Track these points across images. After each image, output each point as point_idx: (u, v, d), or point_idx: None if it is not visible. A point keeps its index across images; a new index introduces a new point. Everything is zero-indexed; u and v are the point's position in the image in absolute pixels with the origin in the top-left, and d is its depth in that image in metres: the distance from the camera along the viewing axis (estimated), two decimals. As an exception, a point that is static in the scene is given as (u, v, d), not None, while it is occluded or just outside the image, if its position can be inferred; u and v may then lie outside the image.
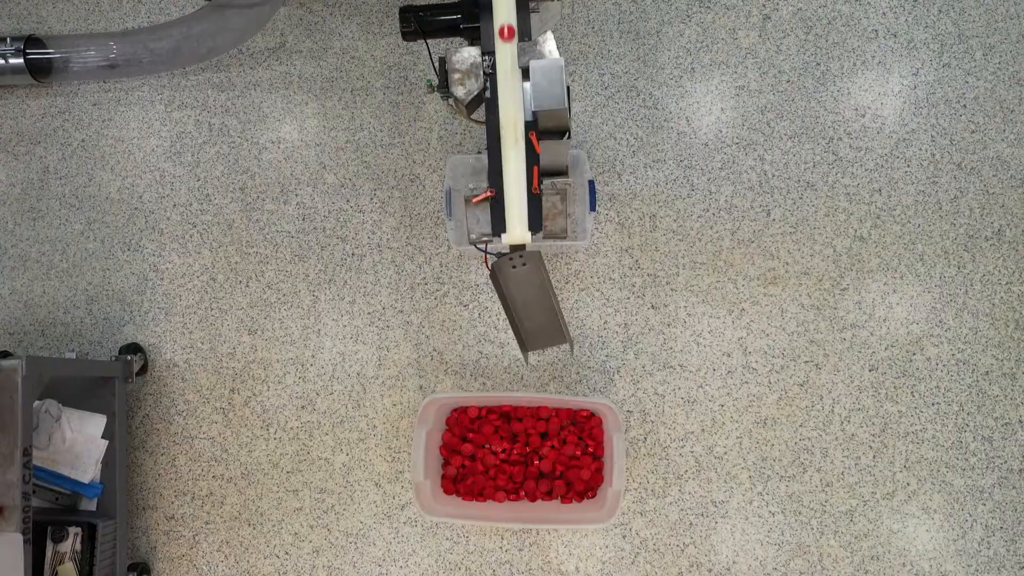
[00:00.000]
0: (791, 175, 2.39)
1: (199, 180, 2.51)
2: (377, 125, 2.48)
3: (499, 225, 1.63)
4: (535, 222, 1.62)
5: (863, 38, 2.43)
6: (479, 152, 2.38)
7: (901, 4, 2.43)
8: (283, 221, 2.47)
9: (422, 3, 1.82)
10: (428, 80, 1.71)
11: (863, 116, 2.40)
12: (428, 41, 1.82)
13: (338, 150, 2.49)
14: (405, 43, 2.51)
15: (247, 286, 2.46)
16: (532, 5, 1.78)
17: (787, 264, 2.37)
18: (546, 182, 1.65)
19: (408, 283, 2.43)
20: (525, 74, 1.66)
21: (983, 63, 2.40)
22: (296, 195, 2.48)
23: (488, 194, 1.62)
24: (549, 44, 1.64)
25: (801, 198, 2.38)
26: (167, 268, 2.49)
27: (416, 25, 1.78)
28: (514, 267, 1.66)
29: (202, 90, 2.54)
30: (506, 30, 1.55)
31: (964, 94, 2.39)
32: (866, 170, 2.38)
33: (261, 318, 2.45)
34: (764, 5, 2.46)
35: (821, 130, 2.40)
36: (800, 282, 2.36)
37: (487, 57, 1.66)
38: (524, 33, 1.66)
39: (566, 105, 1.59)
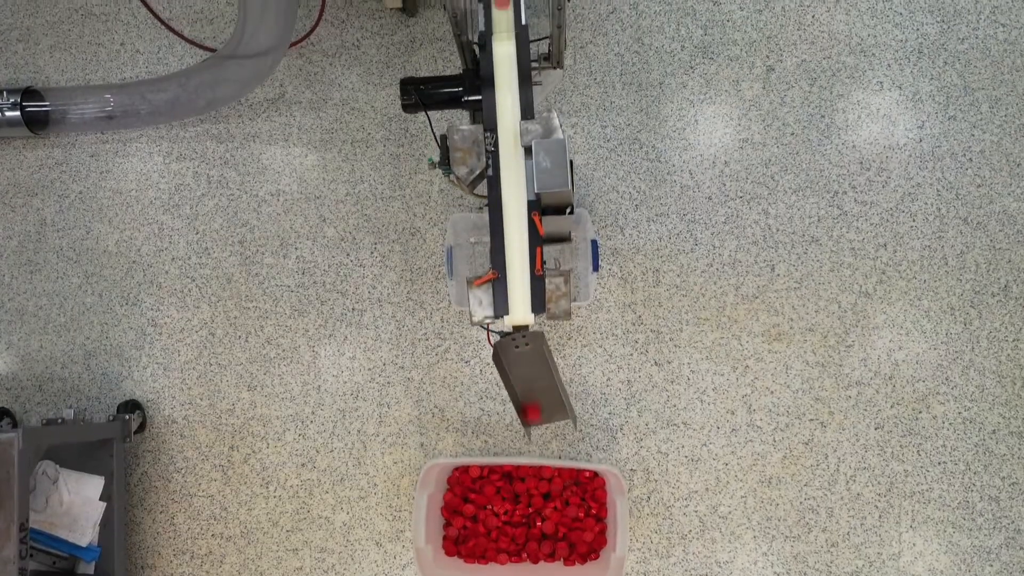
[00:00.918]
0: (795, 230, 2.37)
1: (198, 233, 2.48)
2: (377, 178, 2.46)
3: (501, 307, 1.60)
4: (538, 304, 1.60)
5: (868, 90, 2.41)
6: (480, 208, 2.36)
7: (906, 56, 2.41)
8: (283, 275, 2.45)
9: (424, 75, 1.80)
10: (429, 159, 1.68)
11: (868, 169, 2.38)
12: (429, 113, 1.79)
13: (338, 203, 2.46)
14: (405, 94, 2.48)
15: (246, 341, 2.44)
16: (535, 77, 1.76)
17: (791, 320, 2.34)
18: (549, 262, 1.63)
19: (409, 338, 2.41)
20: (528, 150, 1.63)
21: (989, 116, 2.38)
22: (296, 249, 2.46)
23: (490, 276, 1.60)
24: (552, 121, 1.61)
25: (806, 253, 2.36)
26: (165, 323, 2.46)
27: (417, 98, 1.76)
28: (517, 347, 1.63)
29: (201, 142, 2.51)
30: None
31: (970, 147, 2.37)
32: (871, 224, 2.36)
33: (260, 374, 2.43)
34: (768, 56, 2.43)
35: (826, 184, 2.38)
36: (805, 338, 2.34)
37: (489, 134, 1.63)
38: (527, 111, 1.64)
39: (570, 186, 1.56)
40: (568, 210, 1.73)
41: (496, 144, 1.63)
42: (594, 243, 2.16)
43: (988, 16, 2.41)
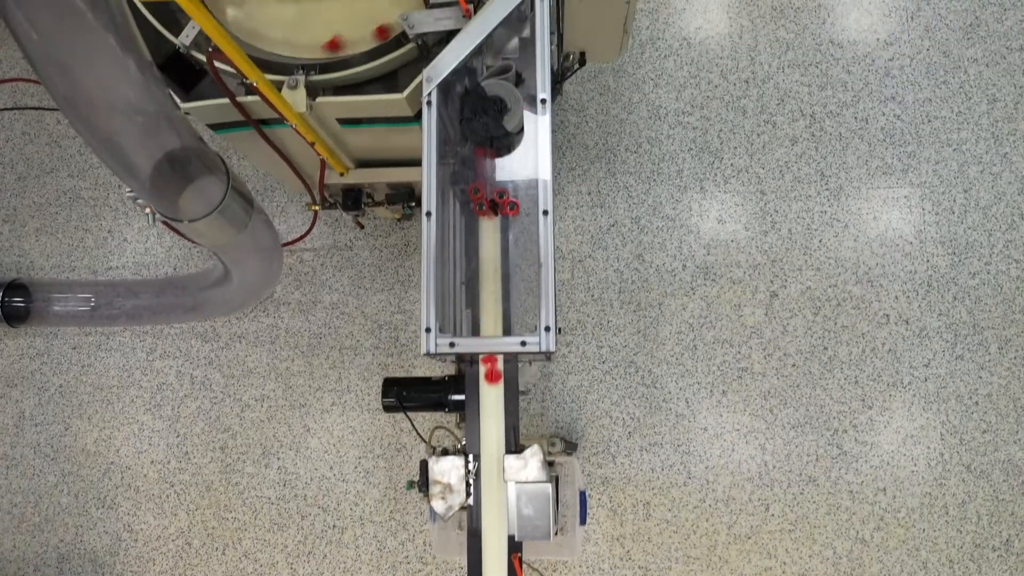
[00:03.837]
0: (792, 468, 2.29)
1: (178, 436, 2.42)
2: (364, 387, 2.39)
3: (477, 650, 1.53)
4: (516, 648, 1.53)
5: (873, 323, 2.33)
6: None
7: (915, 288, 2.33)
8: (263, 486, 2.39)
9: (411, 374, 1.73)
10: (409, 480, 1.61)
11: (870, 408, 2.30)
12: (415, 410, 1.72)
13: (323, 412, 2.40)
14: (396, 302, 2.42)
15: (223, 554, 2.38)
16: (522, 383, 1.69)
17: (784, 564, 2.27)
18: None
19: (390, 561, 2.34)
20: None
21: (998, 357, 2.30)
22: (278, 458, 2.39)
23: (467, 621, 1.53)
24: (534, 460, 1.54)
25: (802, 493, 2.28)
26: (142, 529, 2.40)
27: (398, 401, 1.69)
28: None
29: (185, 339, 2.45)
30: None
31: (976, 390, 2.29)
32: (871, 467, 2.28)
33: (236, 589, 2.37)
34: (772, 281, 2.36)
35: (826, 421, 2.30)
36: (797, 584, 2.27)
37: (471, 461, 1.56)
38: (513, 441, 1.56)
39: (552, 533, 1.49)
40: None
41: (479, 472, 1.56)
42: (583, 494, 2.09)
43: (1001, 251, 2.33)
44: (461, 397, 1.68)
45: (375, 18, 1.65)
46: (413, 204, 1.91)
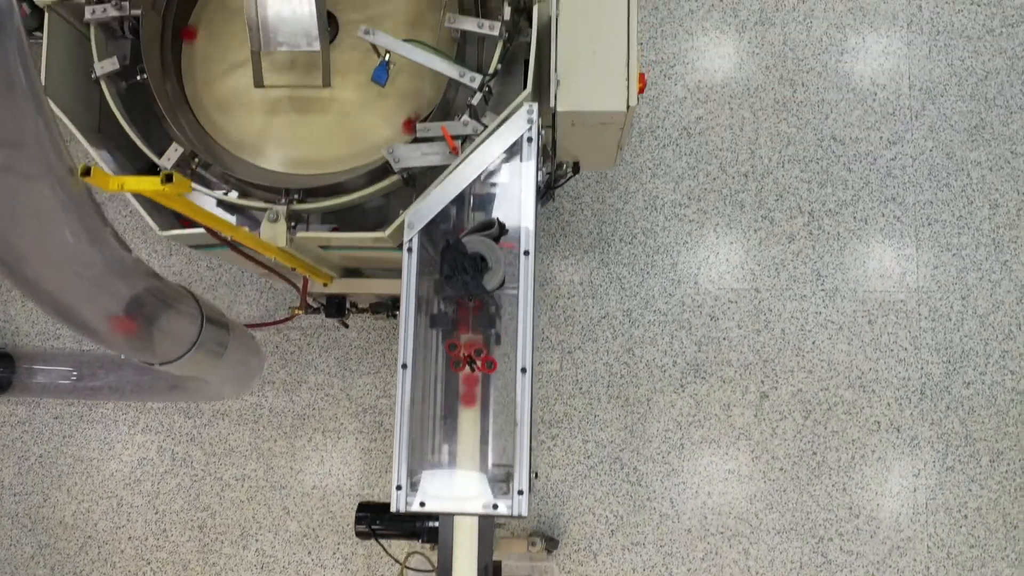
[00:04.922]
0: (776, 575, 2.26)
1: (157, 512, 2.40)
2: (347, 472, 2.37)
3: None
4: None
5: (864, 429, 2.30)
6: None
7: (907, 396, 2.30)
8: (240, 568, 2.36)
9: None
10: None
11: (857, 516, 2.27)
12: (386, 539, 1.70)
13: (304, 495, 2.37)
14: (382, 385, 2.40)
15: (197, 636, 2.36)
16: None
17: (764, 673, 2.24)
18: None
19: (365, 651, 2.32)
20: None
21: (989, 470, 2.26)
22: (256, 540, 2.37)
23: None
24: (509, 604, 1.52)
25: (784, 601, 2.25)
26: (116, 606, 2.38)
27: (369, 529, 1.66)
28: None
29: (168, 414, 2.42)
30: None
31: (966, 503, 2.26)
32: (856, 577, 2.25)
33: (209, 672, 2.35)
34: (763, 382, 2.33)
35: (811, 528, 2.27)
36: None
37: (443, 600, 1.53)
38: (484, 582, 1.54)
39: None
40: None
41: (451, 613, 1.53)
42: (560, 602, 2.06)
43: (997, 361, 2.29)
44: (436, 524, 1.66)
45: (363, 136, 1.62)
46: (398, 313, 1.87)
